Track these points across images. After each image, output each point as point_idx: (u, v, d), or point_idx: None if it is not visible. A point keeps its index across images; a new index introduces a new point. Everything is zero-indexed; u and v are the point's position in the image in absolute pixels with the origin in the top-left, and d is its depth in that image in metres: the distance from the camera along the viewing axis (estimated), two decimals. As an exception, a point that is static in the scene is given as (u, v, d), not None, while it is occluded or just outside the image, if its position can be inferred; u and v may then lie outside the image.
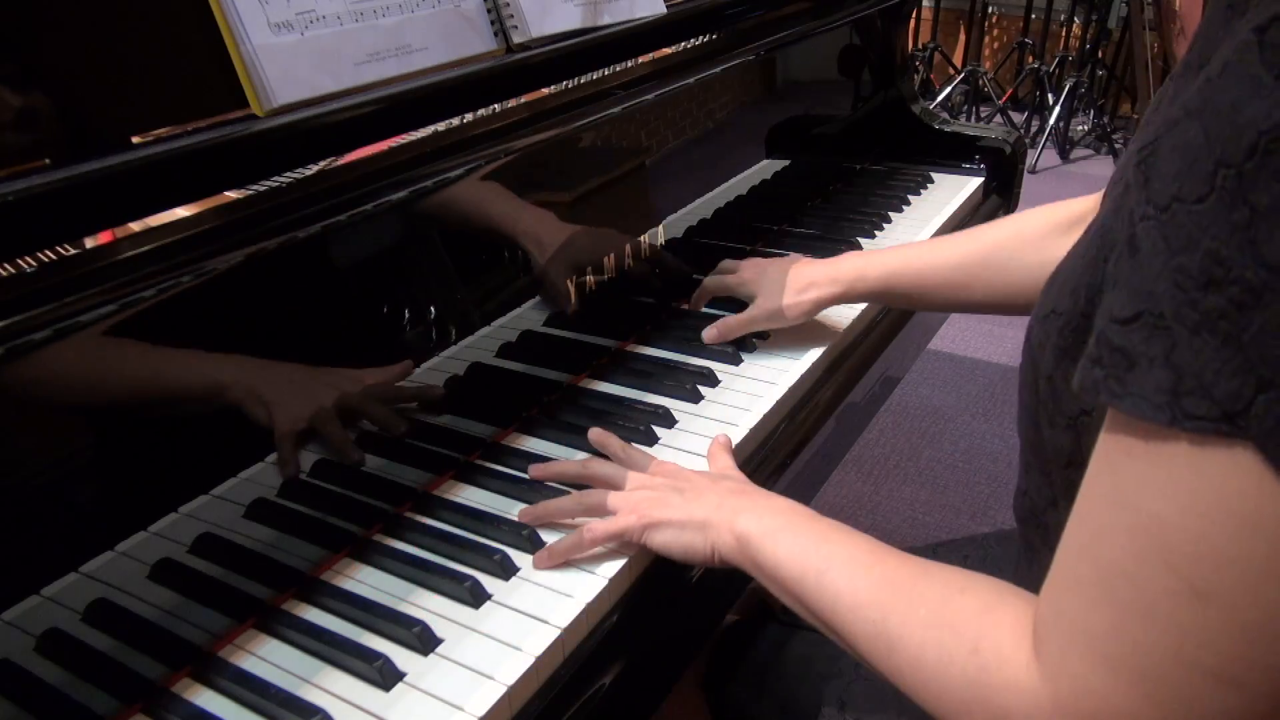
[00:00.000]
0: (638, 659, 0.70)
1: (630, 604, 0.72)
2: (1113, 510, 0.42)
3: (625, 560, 0.73)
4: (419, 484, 0.81)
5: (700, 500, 0.71)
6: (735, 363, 1.01)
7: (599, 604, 0.70)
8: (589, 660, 0.68)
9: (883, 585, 0.57)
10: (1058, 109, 4.06)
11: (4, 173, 0.53)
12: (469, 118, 0.78)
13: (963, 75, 4.45)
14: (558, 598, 0.70)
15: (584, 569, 0.72)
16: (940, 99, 4.38)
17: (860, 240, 1.31)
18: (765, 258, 1.11)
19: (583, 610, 0.68)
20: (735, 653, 0.87)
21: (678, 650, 0.80)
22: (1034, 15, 4.41)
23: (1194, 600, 0.39)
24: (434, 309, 0.83)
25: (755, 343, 1.04)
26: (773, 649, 0.85)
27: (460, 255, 0.85)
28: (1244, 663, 0.39)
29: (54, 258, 0.52)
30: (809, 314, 1.01)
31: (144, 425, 0.63)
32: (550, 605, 0.69)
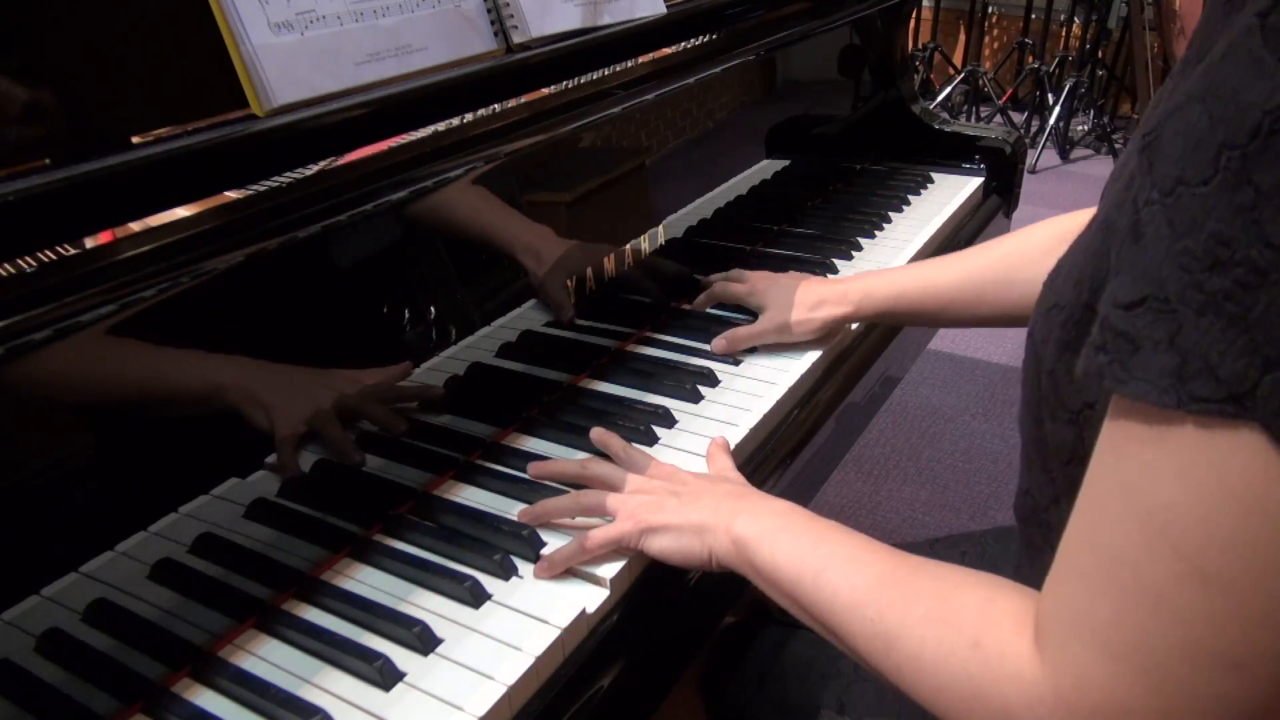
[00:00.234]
0: (637, 659, 0.70)
1: (631, 604, 0.72)
2: (1117, 498, 0.42)
3: (626, 560, 0.73)
4: (419, 484, 0.81)
5: (697, 504, 0.70)
6: (735, 363, 1.01)
7: (600, 604, 0.70)
8: (589, 660, 0.68)
9: (879, 583, 0.57)
10: (1058, 109, 4.06)
11: (4, 173, 0.53)
12: (469, 118, 0.78)
13: (963, 75, 4.45)
14: (558, 598, 0.70)
15: (584, 569, 0.72)
16: (940, 99, 4.38)
17: (860, 240, 1.31)
18: (766, 264, 1.12)
19: (583, 610, 0.68)
20: (733, 654, 0.88)
21: (678, 650, 0.80)
22: (1034, 15, 4.41)
23: (1200, 585, 0.39)
24: (434, 309, 0.83)
25: (755, 343, 1.04)
26: (771, 650, 0.85)
27: (460, 255, 0.85)
28: (1248, 647, 0.39)
29: (54, 258, 0.52)
30: (818, 333, 1.01)
31: (144, 426, 0.63)
32: (550, 605, 0.69)
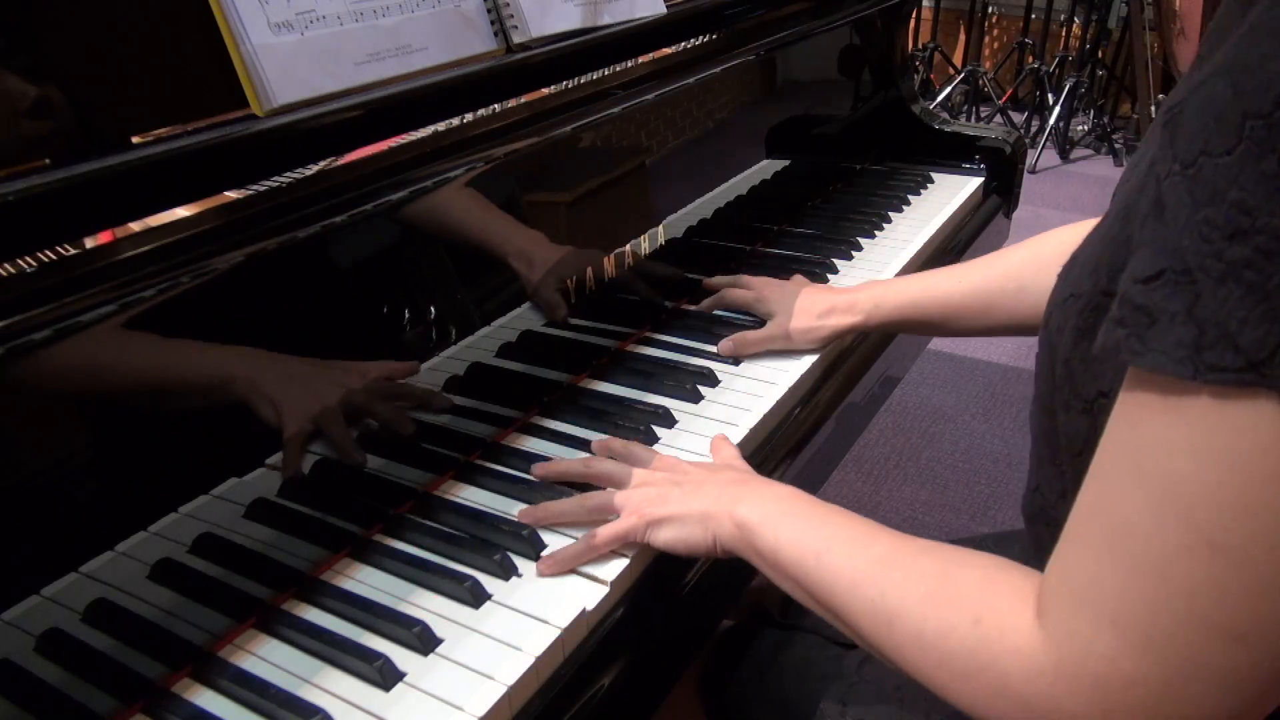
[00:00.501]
0: (638, 659, 0.70)
1: (631, 604, 0.72)
2: (1128, 469, 0.43)
3: (627, 560, 0.73)
4: (419, 484, 0.81)
5: (700, 492, 0.71)
6: (735, 363, 1.01)
7: (600, 604, 0.70)
8: (589, 660, 0.68)
9: (881, 564, 0.58)
10: (1058, 109, 4.06)
11: (4, 173, 0.53)
12: (469, 118, 0.78)
13: (963, 75, 4.45)
14: (558, 598, 0.70)
15: (585, 569, 0.72)
16: (940, 99, 4.38)
17: (860, 240, 1.31)
18: (767, 263, 1.12)
19: (583, 610, 0.68)
20: (732, 655, 0.88)
21: (678, 650, 0.80)
22: (1034, 15, 4.41)
23: (1208, 554, 0.39)
24: (434, 309, 0.83)
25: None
26: (770, 652, 0.85)
27: (460, 255, 0.85)
28: (1254, 619, 0.40)
29: (54, 258, 0.52)
30: (826, 341, 1.01)
31: (143, 426, 0.63)
32: (550, 605, 0.69)
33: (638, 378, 0.98)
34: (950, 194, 1.48)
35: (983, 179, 1.54)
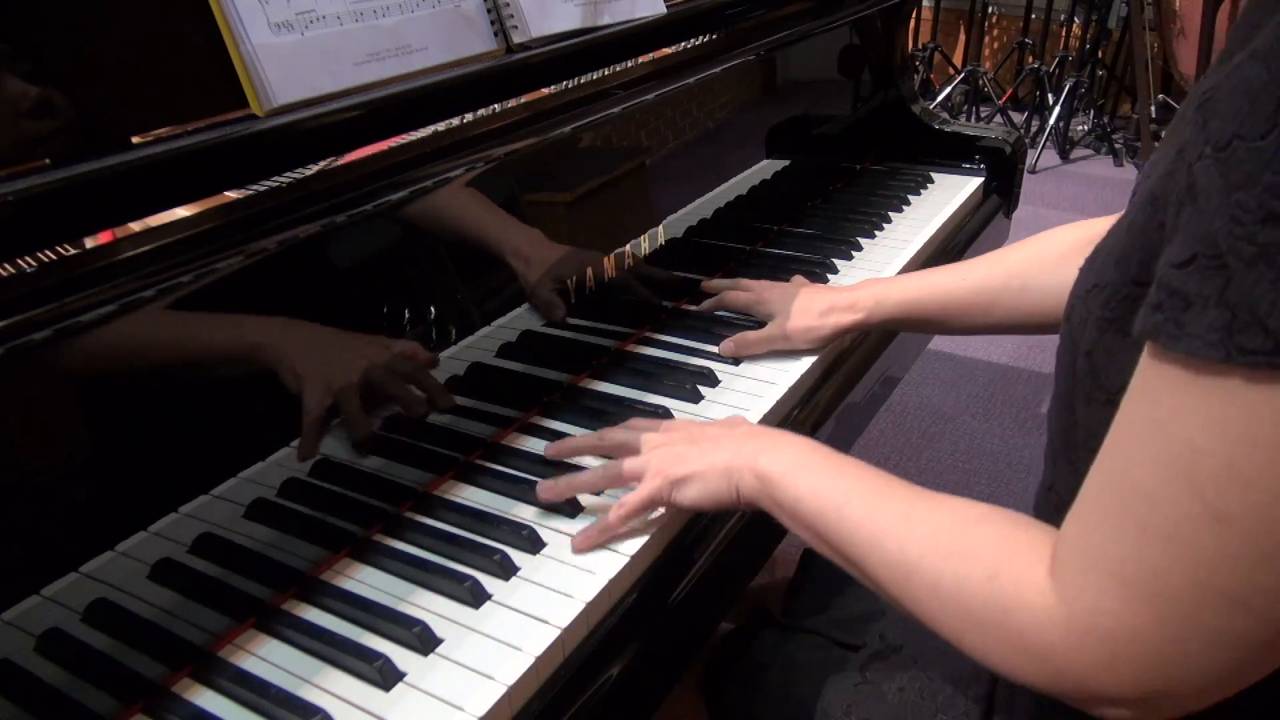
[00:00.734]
0: (638, 659, 0.70)
1: (630, 604, 0.72)
2: (1145, 439, 0.45)
3: (626, 560, 0.73)
4: (419, 484, 0.81)
5: (719, 447, 0.72)
6: (735, 363, 1.01)
7: (599, 604, 0.70)
8: (589, 660, 0.68)
9: (901, 516, 0.59)
10: (1058, 109, 4.06)
11: (4, 173, 0.53)
12: (469, 118, 0.78)
13: (963, 75, 4.45)
14: (558, 597, 0.70)
15: (584, 569, 0.72)
16: (940, 99, 4.37)
17: (860, 240, 1.31)
18: (766, 263, 1.12)
19: (583, 610, 0.68)
20: (734, 656, 0.88)
21: (678, 649, 0.80)
22: (1034, 15, 4.41)
23: (1216, 525, 0.41)
24: (434, 309, 0.83)
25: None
26: (772, 652, 0.85)
27: (459, 255, 0.85)
28: (1256, 587, 0.42)
29: (54, 258, 0.52)
30: (827, 340, 1.01)
31: (142, 426, 0.63)
32: (550, 605, 0.69)
33: (638, 378, 0.98)
34: (950, 194, 1.48)
35: (983, 179, 1.54)
